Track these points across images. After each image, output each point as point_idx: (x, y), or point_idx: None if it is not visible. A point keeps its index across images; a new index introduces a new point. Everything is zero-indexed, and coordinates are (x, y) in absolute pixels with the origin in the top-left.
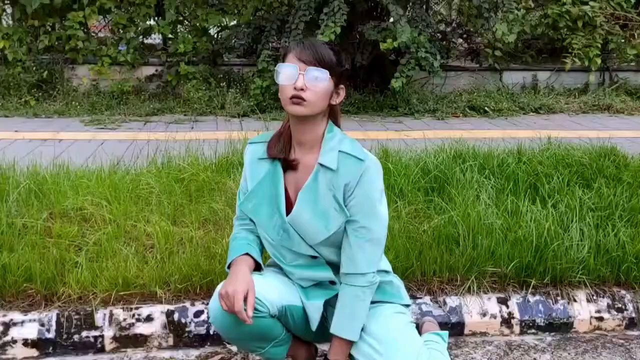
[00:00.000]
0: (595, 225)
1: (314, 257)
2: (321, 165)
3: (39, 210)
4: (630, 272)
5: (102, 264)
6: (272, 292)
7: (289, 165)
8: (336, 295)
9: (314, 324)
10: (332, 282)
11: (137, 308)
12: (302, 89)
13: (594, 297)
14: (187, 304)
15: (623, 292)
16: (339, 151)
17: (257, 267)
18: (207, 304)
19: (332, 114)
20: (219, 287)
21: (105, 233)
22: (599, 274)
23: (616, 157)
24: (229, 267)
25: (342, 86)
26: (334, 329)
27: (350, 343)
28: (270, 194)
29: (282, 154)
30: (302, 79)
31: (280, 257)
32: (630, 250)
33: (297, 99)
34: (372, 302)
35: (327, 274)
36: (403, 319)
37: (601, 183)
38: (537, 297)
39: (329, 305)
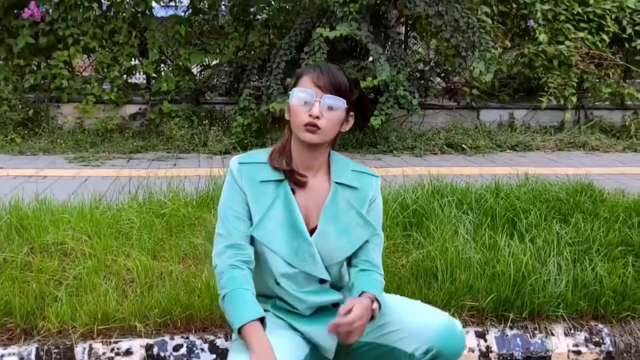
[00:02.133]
0: (573, 260)
1: (322, 282)
2: (338, 184)
3: (20, 245)
4: (608, 306)
5: (82, 298)
6: (286, 356)
7: (297, 183)
8: None
9: (331, 354)
10: (335, 305)
11: (116, 342)
12: (317, 117)
13: (572, 331)
14: (167, 337)
15: (600, 325)
16: (352, 170)
17: None
18: (187, 337)
19: (333, 139)
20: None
21: (86, 267)
22: (576, 308)
23: (593, 193)
24: (237, 328)
25: (352, 113)
26: (366, 287)
27: (371, 311)
28: (284, 219)
29: (289, 166)
30: (319, 106)
31: (292, 284)
32: (608, 284)
33: (312, 127)
34: None
35: (335, 297)
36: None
37: (578, 218)
38: (515, 331)
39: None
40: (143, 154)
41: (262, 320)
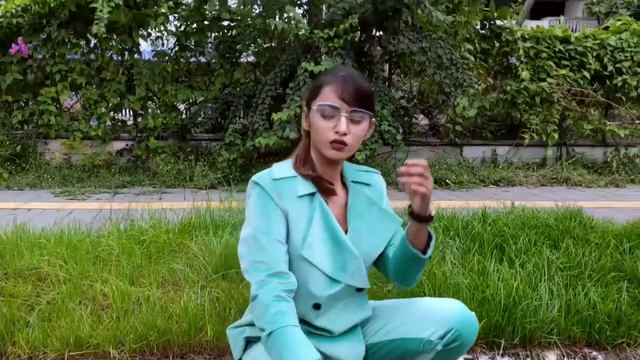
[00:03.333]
0: (565, 285)
1: (359, 290)
2: (355, 182)
3: None
4: (602, 332)
5: (54, 323)
6: None
7: (326, 191)
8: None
9: None
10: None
11: None
12: (344, 134)
13: (565, 358)
14: None
15: (595, 353)
16: (358, 170)
17: None
18: None
19: None
20: None
21: (60, 292)
22: (569, 334)
23: (582, 219)
24: None
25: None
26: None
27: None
28: (325, 233)
29: (315, 173)
30: (345, 122)
31: (333, 300)
32: (602, 309)
33: (338, 145)
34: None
35: (369, 312)
36: None
37: (569, 243)
38: (507, 358)
39: None
40: (129, 188)
41: None
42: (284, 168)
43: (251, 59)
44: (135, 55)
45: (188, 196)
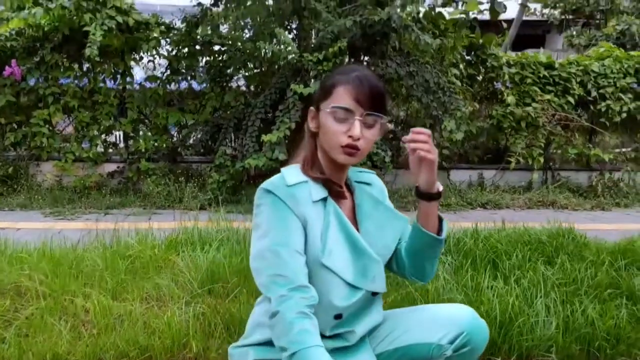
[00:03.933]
0: (562, 301)
1: (374, 295)
2: (358, 182)
3: None
4: (601, 350)
5: (31, 339)
6: None
7: (337, 194)
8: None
9: None
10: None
11: None
12: (358, 139)
13: None
14: None
15: None
16: (357, 171)
17: None
18: None
19: None
20: None
21: (39, 308)
22: (568, 352)
23: (575, 236)
24: None
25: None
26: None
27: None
28: (342, 238)
29: (324, 174)
30: (359, 126)
31: (352, 307)
32: (601, 326)
33: (351, 149)
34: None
35: (381, 316)
36: None
37: (564, 259)
38: None
39: None
40: (119, 209)
41: None
42: (295, 173)
43: (241, 82)
44: (128, 79)
45: (177, 217)
